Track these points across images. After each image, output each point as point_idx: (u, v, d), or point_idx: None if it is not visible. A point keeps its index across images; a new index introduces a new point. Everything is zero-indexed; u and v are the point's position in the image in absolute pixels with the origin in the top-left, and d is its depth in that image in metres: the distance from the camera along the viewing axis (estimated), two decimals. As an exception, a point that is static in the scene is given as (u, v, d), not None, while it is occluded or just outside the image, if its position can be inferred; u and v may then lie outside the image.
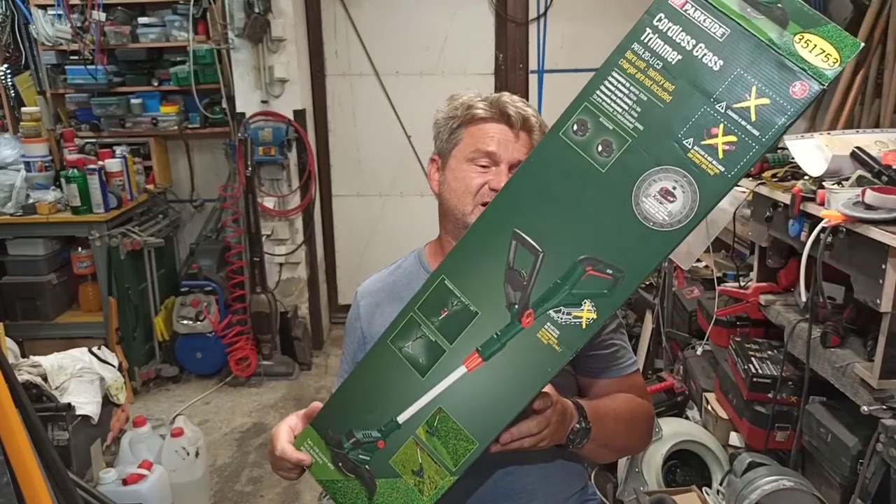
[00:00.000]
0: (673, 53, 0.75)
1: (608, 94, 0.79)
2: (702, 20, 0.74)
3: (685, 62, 0.75)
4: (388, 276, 1.29)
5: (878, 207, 1.38)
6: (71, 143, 3.33)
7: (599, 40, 3.86)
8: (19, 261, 3.36)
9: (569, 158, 0.81)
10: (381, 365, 0.92)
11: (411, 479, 0.90)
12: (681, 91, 0.75)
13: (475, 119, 1.14)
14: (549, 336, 0.82)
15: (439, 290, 0.88)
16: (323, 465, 0.96)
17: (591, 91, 0.80)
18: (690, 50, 0.74)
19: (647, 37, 0.76)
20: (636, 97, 0.77)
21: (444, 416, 0.87)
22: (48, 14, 3.54)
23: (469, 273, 0.87)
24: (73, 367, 2.44)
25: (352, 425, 0.93)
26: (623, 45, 0.78)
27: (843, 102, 3.03)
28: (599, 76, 0.80)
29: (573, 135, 0.81)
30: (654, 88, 0.76)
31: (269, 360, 3.66)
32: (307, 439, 0.97)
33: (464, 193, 1.14)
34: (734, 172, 0.74)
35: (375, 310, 1.25)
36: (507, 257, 0.83)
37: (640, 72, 0.77)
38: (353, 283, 1.16)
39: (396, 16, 3.85)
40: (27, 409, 1.55)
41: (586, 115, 0.80)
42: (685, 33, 0.75)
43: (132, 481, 2.20)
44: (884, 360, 1.41)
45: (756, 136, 0.73)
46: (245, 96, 3.59)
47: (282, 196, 3.76)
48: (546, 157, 0.83)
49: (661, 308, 2.83)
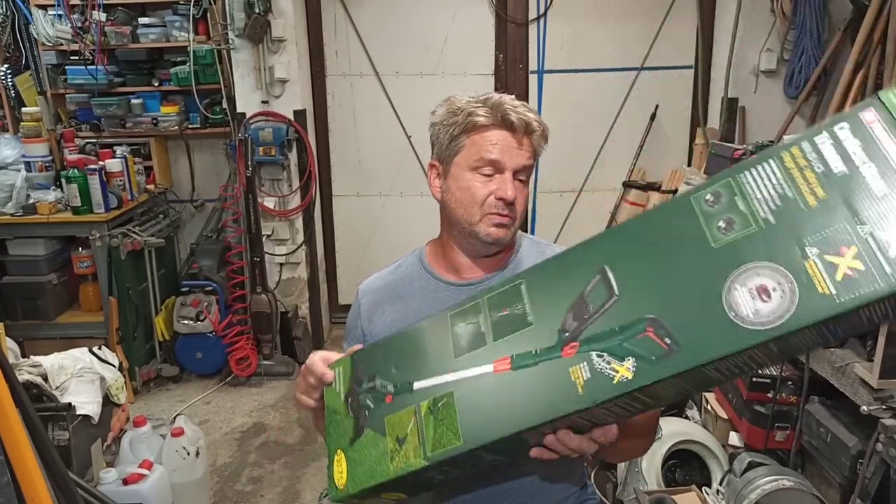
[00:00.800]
0: (840, 163, 0.71)
1: (756, 179, 0.75)
2: (884, 142, 0.69)
3: (848, 177, 0.70)
4: (389, 275, 1.29)
5: (878, 207, 1.38)
6: (71, 143, 3.34)
7: (599, 40, 3.87)
8: (20, 261, 3.37)
9: (688, 223, 0.78)
10: (431, 330, 0.96)
11: (392, 444, 0.92)
12: (830, 201, 0.70)
13: (476, 126, 1.12)
14: (580, 375, 0.80)
15: (512, 291, 0.91)
16: (337, 393, 1.01)
17: (740, 170, 0.77)
18: (859, 167, 0.69)
19: (821, 139, 0.72)
20: (781, 191, 0.73)
21: (450, 402, 0.88)
22: (48, 14, 3.54)
23: (544, 288, 0.88)
24: (73, 367, 2.44)
25: (377, 371, 0.97)
26: (794, 139, 0.75)
27: (843, 102, 3.04)
28: (756, 160, 0.77)
29: (703, 203, 0.78)
30: (804, 189, 0.72)
31: (269, 360, 3.66)
32: (340, 366, 1.03)
33: (470, 204, 1.13)
34: (844, 300, 0.66)
35: (376, 308, 1.25)
36: (584, 288, 0.83)
37: (798, 169, 0.73)
38: (353, 283, 1.16)
39: (396, 16, 3.85)
40: (27, 409, 1.55)
41: (724, 190, 0.77)
42: (862, 149, 0.70)
43: (132, 481, 2.20)
44: (883, 360, 1.41)
45: (886, 273, 0.65)
46: (245, 96, 3.60)
47: (282, 196, 3.76)
48: (668, 214, 0.81)
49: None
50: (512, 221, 1.15)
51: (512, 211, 1.13)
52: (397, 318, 1.24)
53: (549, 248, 1.25)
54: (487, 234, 1.14)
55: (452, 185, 1.16)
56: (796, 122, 3.45)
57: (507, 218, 1.13)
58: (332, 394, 1.02)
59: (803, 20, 3.29)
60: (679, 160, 3.97)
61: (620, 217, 3.99)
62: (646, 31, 3.84)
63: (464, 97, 1.16)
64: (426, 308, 1.22)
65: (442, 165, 1.19)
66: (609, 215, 4.04)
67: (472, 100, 1.15)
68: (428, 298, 1.23)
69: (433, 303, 1.22)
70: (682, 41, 3.85)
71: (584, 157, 4.03)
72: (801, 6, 3.28)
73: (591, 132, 3.99)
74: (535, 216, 4.14)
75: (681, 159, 3.98)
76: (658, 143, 3.98)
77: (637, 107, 3.93)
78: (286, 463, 2.91)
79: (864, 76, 2.95)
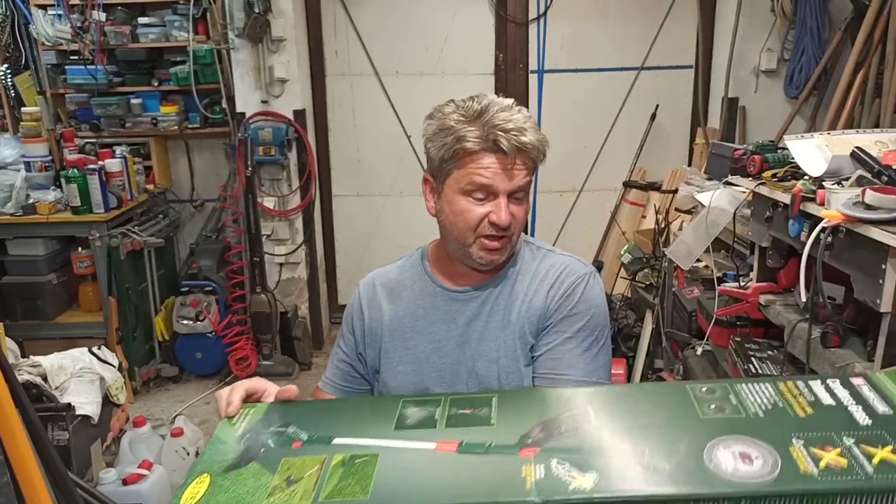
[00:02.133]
0: (829, 398, 0.79)
1: (750, 390, 0.82)
2: (869, 395, 0.79)
3: (836, 408, 0.78)
4: (392, 274, 1.29)
5: (878, 207, 1.38)
6: (71, 143, 3.33)
7: (599, 40, 3.86)
8: (19, 261, 3.37)
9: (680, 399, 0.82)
10: (375, 404, 0.92)
11: (279, 481, 0.79)
12: (818, 416, 0.77)
13: (467, 152, 1.08)
14: (531, 473, 0.73)
15: (481, 399, 0.88)
16: (234, 427, 0.91)
17: (736, 381, 0.84)
18: (847, 405, 0.78)
19: (814, 383, 0.82)
20: (774, 403, 0.80)
21: (370, 462, 0.78)
22: (48, 14, 3.54)
23: (517, 405, 0.87)
24: (73, 367, 2.44)
25: (295, 421, 0.89)
26: (790, 378, 0.84)
27: (843, 102, 3.03)
28: (752, 380, 0.84)
29: (698, 391, 0.83)
30: (795, 405, 0.79)
31: (269, 360, 3.66)
32: (252, 408, 0.94)
33: (463, 228, 1.13)
34: (825, 482, 0.68)
35: (372, 304, 1.27)
36: (562, 413, 0.83)
37: (791, 394, 0.81)
38: (353, 283, 1.15)
39: (396, 16, 3.84)
40: (27, 409, 1.55)
41: (720, 388, 0.83)
42: (850, 395, 0.79)
43: (132, 481, 2.20)
44: (884, 361, 1.41)
45: (868, 475, 0.68)
46: (245, 96, 3.59)
47: (282, 196, 3.76)
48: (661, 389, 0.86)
49: (661, 308, 2.83)
50: (507, 243, 1.14)
51: (507, 232, 1.12)
52: (394, 317, 1.24)
53: (549, 256, 1.24)
54: (480, 257, 1.15)
55: (446, 206, 1.15)
56: (796, 122, 3.45)
57: (501, 241, 1.13)
58: (228, 426, 0.92)
59: (803, 20, 3.29)
60: (679, 160, 3.97)
61: (620, 217, 3.99)
62: (646, 30, 3.84)
63: (454, 111, 1.10)
64: (420, 312, 1.23)
65: (435, 182, 1.17)
66: (609, 215, 4.04)
67: (463, 116, 1.09)
68: (425, 302, 1.23)
69: (430, 307, 1.23)
70: (682, 41, 3.85)
71: (585, 156, 4.03)
72: (802, 6, 3.28)
73: (591, 132, 3.99)
74: (535, 216, 4.13)
75: (681, 159, 3.98)
76: (658, 142, 3.97)
77: (637, 107, 3.93)
78: (286, 463, 2.91)
79: (864, 76, 2.95)
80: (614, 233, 4.03)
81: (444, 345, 1.21)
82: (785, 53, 3.49)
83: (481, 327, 1.20)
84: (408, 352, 1.23)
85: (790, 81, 3.44)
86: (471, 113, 1.08)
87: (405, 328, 1.24)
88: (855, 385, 0.81)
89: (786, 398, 0.80)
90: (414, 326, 1.23)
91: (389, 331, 1.24)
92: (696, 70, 3.87)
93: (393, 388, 1.23)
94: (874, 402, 0.77)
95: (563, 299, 1.18)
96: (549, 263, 1.22)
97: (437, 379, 1.21)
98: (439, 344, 1.21)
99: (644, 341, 3.06)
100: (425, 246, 1.31)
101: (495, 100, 1.10)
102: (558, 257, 1.24)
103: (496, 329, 1.19)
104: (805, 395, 0.80)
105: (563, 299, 1.18)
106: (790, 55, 3.43)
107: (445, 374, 1.20)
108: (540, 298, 1.19)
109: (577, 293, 1.18)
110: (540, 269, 1.22)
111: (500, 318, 1.20)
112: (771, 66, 3.52)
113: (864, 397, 0.79)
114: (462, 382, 1.19)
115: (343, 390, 1.30)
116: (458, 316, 1.21)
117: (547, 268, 1.22)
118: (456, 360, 1.20)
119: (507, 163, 1.07)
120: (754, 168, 1.91)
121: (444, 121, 1.10)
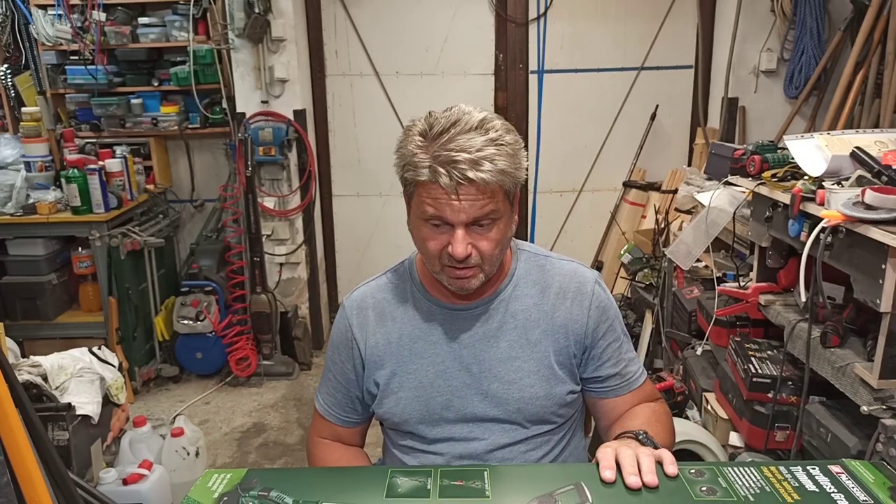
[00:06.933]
0: (812, 485, 0.86)
1: (737, 474, 0.88)
2: (848, 483, 0.85)
3: (819, 494, 0.84)
4: (379, 293, 1.23)
5: (878, 207, 1.38)
6: (71, 143, 3.33)
7: (599, 40, 3.87)
8: (19, 261, 3.36)
9: (673, 483, 0.87)
10: (362, 474, 0.93)
11: None
12: (805, 501, 0.83)
13: (420, 181, 1.02)
14: None
15: (474, 471, 0.90)
16: (211, 491, 0.90)
17: (722, 465, 0.91)
18: (830, 493, 0.84)
19: (796, 470, 0.88)
20: (761, 486, 0.85)
21: None
22: (48, 14, 3.53)
23: (510, 479, 0.89)
24: (73, 367, 2.44)
25: (277, 487, 0.88)
26: (773, 463, 0.91)
27: (843, 102, 3.04)
28: (740, 463, 0.90)
29: (688, 473, 0.88)
30: (781, 490, 0.84)
31: (269, 360, 3.66)
32: (229, 473, 0.93)
33: (427, 256, 1.09)
34: None
35: (364, 328, 1.21)
36: (555, 489, 0.86)
37: (776, 479, 0.86)
38: (353, 283, 1.15)
39: (396, 16, 3.85)
40: (27, 409, 1.55)
41: (709, 471, 0.88)
42: (830, 482, 0.86)
43: (132, 481, 2.20)
44: (884, 360, 1.41)
45: None
46: (245, 96, 3.59)
47: (282, 196, 3.76)
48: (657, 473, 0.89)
49: (660, 308, 2.83)
50: (476, 271, 1.07)
51: (470, 262, 1.05)
52: (389, 340, 1.18)
53: (549, 264, 1.20)
54: (451, 284, 1.10)
55: (412, 228, 1.11)
56: (796, 122, 3.45)
57: (466, 271, 1.06)
58: (203, 488, 0.90)
59: (803, 20, 3.29)
60: (679, 160, 3.97)
61: (620, 217, 3.99)
62: (646, 30, 3.84)
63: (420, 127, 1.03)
64: (418, 332, 1.17)
65: (405, 197, 1.12)
66: (609, 215, 4.04)
67: (422, 138, 1.02)
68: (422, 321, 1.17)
69: (428, 327, 1.17)
70: (682, 41, 3.85)
71: (584, 156, 4.03)
72: (801, 6, 3.28)
73: (592, 132, 3.99)
74: (535, 216, 4.14)
75: (681, 159, 3.98)
76: (658, 142, 3.97)
77: (637, 107, 3.93)
78: (286, 463, 2.91)
79: (864, 76, 2.95)
80: (614, 233, 4.03)
81: (449, 367, 1.15)
82: (785, 53, 3.49)
83: (489, 347, 1.14)
84: (409, 376, 1.16)
85: (790, 81, 3.44)
86: (432, 133, 1.01)
87: (403, 351, 1.17)
88: (834, 473, 0.88)
89: (772, 483, 0.85)
90: (412, 349, 1.17)
91: (387, 355, 1.18)
92: (696, 70, 3.87)
93: (397, 414, 1.17)
94: (854, 491, 0.84)
95: (596, 312, 1.16)
96: (553, 273, 1.18)
97: (444, 403, 1.15)
98: (443, 366, 1.15)
99: (644, 341, 3.06)
100: (411, 257, 1.25)
101: (465, 118, 1.01)
102: (560, 264, 1.20)
103: (511, 349, 1.14)
104: (790, 480, 0.86)
105: (597, 312, 1.16)
106: (790, 55, 3.43)
107: (453, 399, 1.15)
108: (565, 315, 1.15)
109: (600, 300, 1.17)
110: (544, 279, 1.18)
111: (514, 337, 1.15)
112: (771, 66, 3.52)
113: (843, 485, 0.85)
114: (473, 406, 1.14)
115: (345, 421, 1.26)
116: (459, 334, 1.16)
117: (552, 278, 1.18)
118: (463, 384, 1.14)
119: (462, 194, 0.99)
120: (754, 168, 1.91)
121: (407, 139, 1.05)
